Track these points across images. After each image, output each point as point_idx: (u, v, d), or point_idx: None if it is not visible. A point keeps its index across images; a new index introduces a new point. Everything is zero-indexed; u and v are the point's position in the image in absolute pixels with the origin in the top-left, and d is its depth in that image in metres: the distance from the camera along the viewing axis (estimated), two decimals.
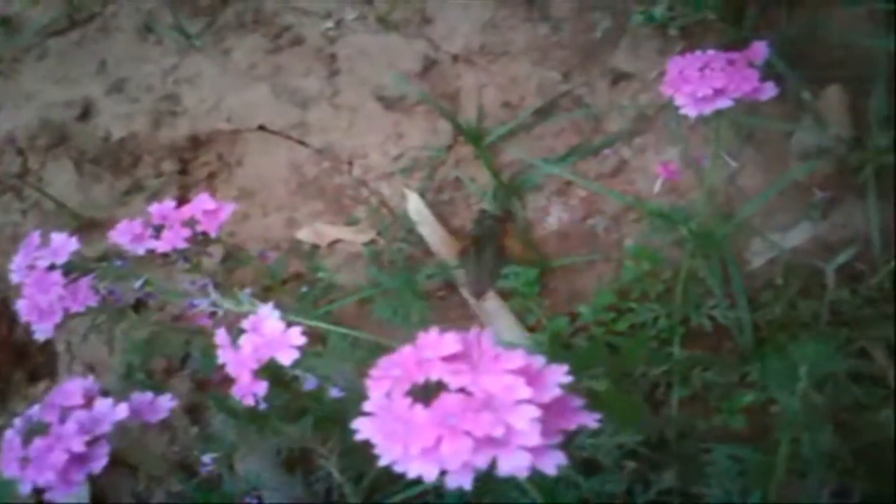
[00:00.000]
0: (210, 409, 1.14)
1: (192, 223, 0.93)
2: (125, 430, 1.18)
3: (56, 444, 0.61)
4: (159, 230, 0.92)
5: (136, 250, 0.92)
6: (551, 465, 0.50)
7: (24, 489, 0.61)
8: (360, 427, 0.52)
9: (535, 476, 0.74)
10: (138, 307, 1.20)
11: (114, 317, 1.02)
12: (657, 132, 1.27)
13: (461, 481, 0.49)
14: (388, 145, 1.34)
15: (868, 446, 0.90)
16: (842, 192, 1.16)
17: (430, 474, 0.49)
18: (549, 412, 0.52)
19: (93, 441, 0.62)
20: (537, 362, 0.53)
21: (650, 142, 1.26)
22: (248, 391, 0.68)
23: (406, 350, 0.54)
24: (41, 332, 0.86)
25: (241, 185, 1.35)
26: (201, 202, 0.95)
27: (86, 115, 1.47)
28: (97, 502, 1.11)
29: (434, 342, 0.53)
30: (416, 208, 1.23)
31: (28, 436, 0.62)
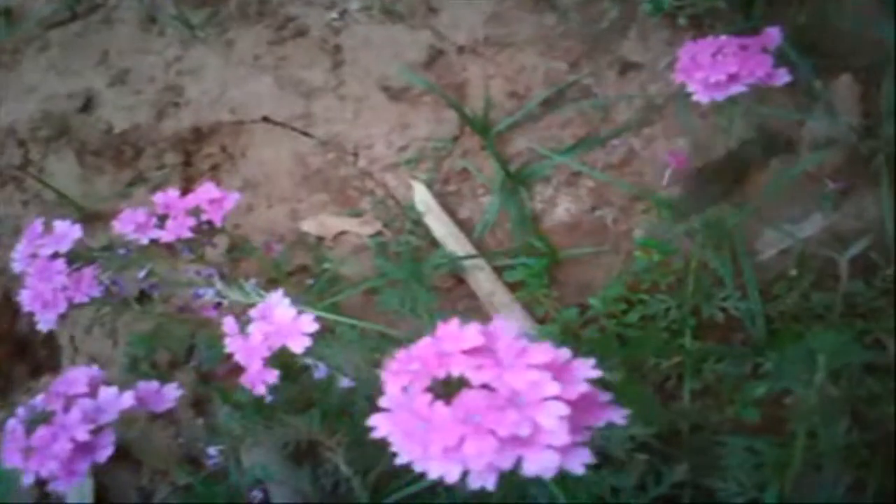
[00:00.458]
0: (215, 402, 1.12)
1: (196, 212, 0.91)
2: (130, 420, 1.17)
3: (60, 432, 0.59)
4: (163, 220, 0.90)
5: (140, 240, 0.90)
6: (578, 463, 0.48)
7: (27, 480, 0.60)
8: (377, 424, 0.49)
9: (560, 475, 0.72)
10: (142, 299, 1.19)
11: (118, 308, 1.01)
12: (666, 122, 1.26)
13: (484, 482, 0.47)
14: (394, 136, 1.32)
15: (883, 439, 0.88)
16: (854, 182, 1.15)
17: (452, 475, 0.46)
18: (575, 408, 0.49)
19: (97, 430, 0.61)
20: (563, 356, 0.51)
21: (659, 132, 1.25)
22: (258, 380, 0.67)
23: (425, 342, 0.51)
24: (45, 322, 0.84)
25: (245, 177, 1.34)
26: (206, 191, 0.93)
27: (88, 106, 1.45)
28: (101, 496, 1.10)
29: (454, 334, 0.51)
30: (422, 199, 1.21)
31: (31, 425, 0.61)
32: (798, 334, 0.92)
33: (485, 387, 0.47)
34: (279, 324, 0.66)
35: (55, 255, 0.83)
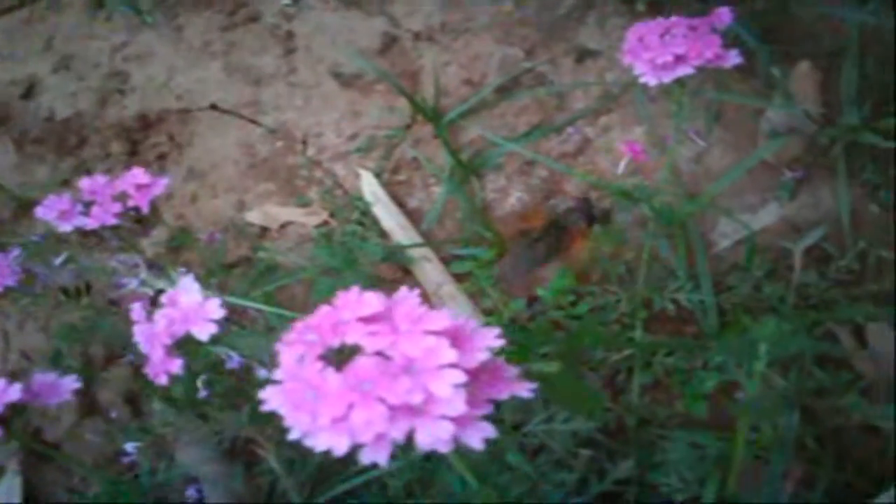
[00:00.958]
0: (151, 398, 1.08)
1: (123, 198, 0.87)
2: (58, 418, 1.12)
3: None
4: (89, 206, 0.86)
5: (63, 227, 0.86)
6: (477, 438, 0.45)
7: None
8: (268, 396, 0.46)
9: (476, 462, 0.69)
10: (79, 292, 1.15)
11: (39, 300, 0.96)
12: (623, 111, 1.23)
13: (377, 456, 0.44)
14: (344, 124, 1.28)
15: (834, 432, 0.85)
16: (812, 171, 1.12)
17: (340, 447, 0.43)
18: (477, 379, 0.46)
19: None
20: (468, 325, 0.48)
21: (615, 121, 1.22)
22: (161, 369, 0.62)
23: (322, 311, 0.48)
24: None
25: (190, 166, 1.29)
26: (133, 176, 0.89)
27: (29, 93, 1.40)
28: (30, 497, 1.05)
29: (353, 302, 0.47)
30: (370, 189, 1.17)
31: None
32: (745, 326, 0.89)
33: (380, 354, 0.44)
34: (185, 310, 0.61)
35: None
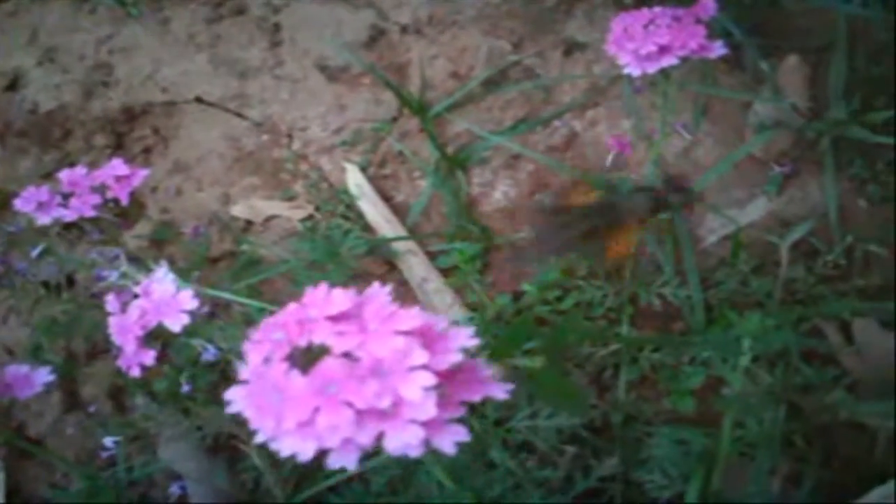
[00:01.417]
0: (132, 394, 1.07)
1: (102, 189, 0.86)
2: (41, 415, 1.11)
3: None
4: (68, 198, 0.85)
5: (42, 219, 0.85)
6: (449, 442, 0.44)
7: None
8: (233, 398, 0.45)
9: (457, 460, 0.68)
10: (59, 286, 1.13)
11: (19, 294, 0.95)
12: (611, 104, 1.22)
13: (344, 461, 0.43)
14: (330, 118, 1.27)
15: (820, 429, 0.85)
16: (799, 166, 1.11)
17: (306, 453, 0.42)
18: (450, 381, 0.46)
19: None
20: (438, 324, 0.47)
21: (603, 114, 1.21)
22: (134, 361, 0.62)
23: (290, 309, 0.47)
24: None
25: (175, 159, 1.28)
26: (113, 167, 0.88)
27: (13, 86, 1.39)
28: (12, 493, 1.04)
29: (321, 299, 0.46)
30: (355, 182, 1.16)
31: None
32: (731, 321, 0.88)
33: (347, 355, 0.43)
34: (157, 300, 0.60)
35: None
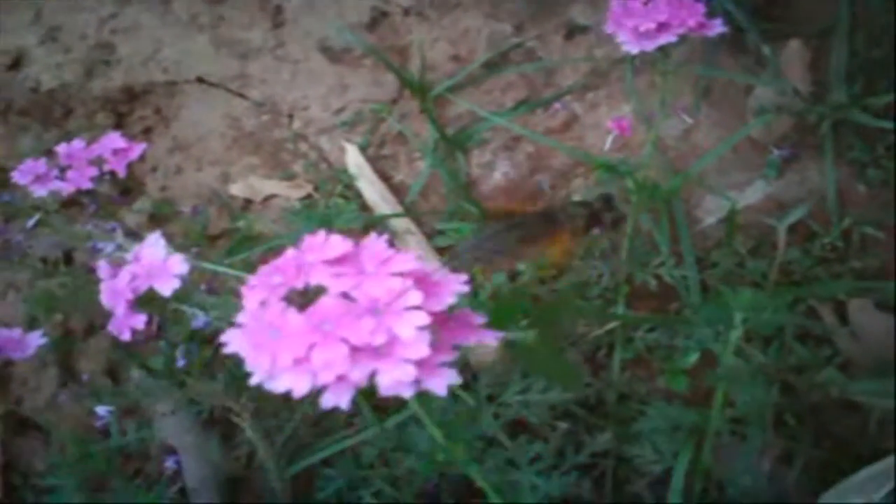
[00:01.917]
0: (130, 369, 1.08)
1: (99, 162, 0.86)
2: (38, 390, 1.11)
3: None
4: (65, 171, 0.86)
5: (39, 192, 0.85)
6: (441, 383, 0.44)
7: None
8: (229, 339, 0.45)
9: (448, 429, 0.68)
10: (57, 262, 1.14)
11: (17, 268, 0.96)
12: (611, 87, 1.22)
13: (338, 399, 0.43)
14: (331, 98, 1.27)
15: (813, 408, 0.85)
16: (799, 149, 1.11)
17: (300, 388, 0.42)
18: (443, 325, 0.46)
19: None
20: (435, 270, 0.47)
21: (604, 97, 1.21)
22: (124, 325, 0.62)
23: (288, 254, 0.47)
24: None
25: (175, 138, 1.28)
26: (110, 140, 0.89)
27: (16, 64, 1.39)
28: (8, 467, 1.05)
29: (319, 245, 0.47)
30: (354, 162, 1.17)
31: None
32: (724, 297, 0.88)
33: (344, 296, 0.44)
34: (148, 266, 0.61)
35: None
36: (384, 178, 1.18)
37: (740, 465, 0.78)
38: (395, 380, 0.42)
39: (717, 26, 0.82)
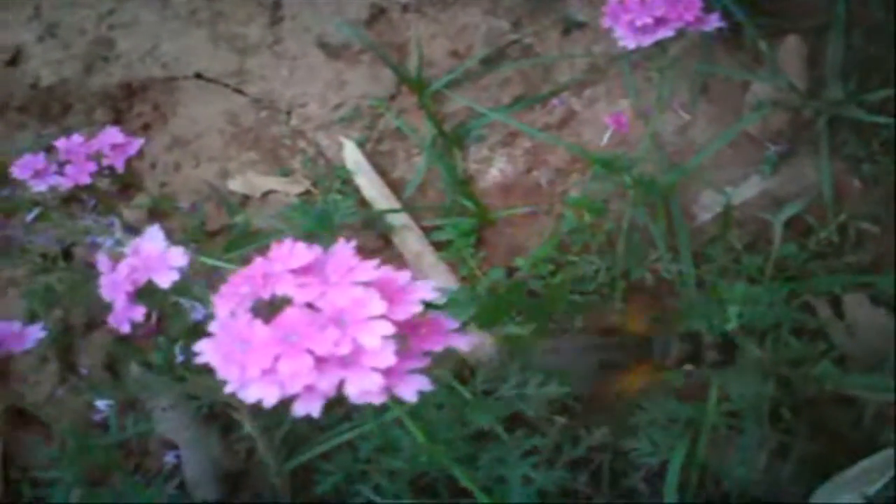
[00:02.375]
0: (130, 364, 1.08)
1: (98, 157, 0.87)
2: (38, 385, 1.12)
3: None
4: (64, 166, 0.86)
5: (38, 187, 0.86)
6: (411, 390, 0.45)
7: None
8: (202, 349, 0.46)
9: (441, 424, 0.68)
10: (56, 257, 1.14)
11: (17, 263, 0.96)
12: (609, 83, 1.22)
13: (309, 408, 0.44)
14: (329, 94, 1.27)
15: (808, 402, 0.85)
16: (795, 145, 1.11)
17: (269, 398, 0.43)
18: (414, 332, 0.47)
19: None
20: (401, 278, 0.48)
21: (601, 93, 1.21)
22: (123, 317, 0.62)
23: (256, 263, 0.48)
24: None
25: (174, 134, 1.28)
26: (109, 135, 0.89)
27: (15, 60, 1.39)
28: (8, 461, 1.06)
29: (285, 254, 0.48)
30: (352, 158, 1.17)
31: None
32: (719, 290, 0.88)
33: (310, 306, 0.44)
34: (147, 258, 0.61)
35: None
36: (382, 173, 1.18)
37: (736, 459, 0.79)
38: (363, 389, 0.43)
39: (714, 21, 0.82)
